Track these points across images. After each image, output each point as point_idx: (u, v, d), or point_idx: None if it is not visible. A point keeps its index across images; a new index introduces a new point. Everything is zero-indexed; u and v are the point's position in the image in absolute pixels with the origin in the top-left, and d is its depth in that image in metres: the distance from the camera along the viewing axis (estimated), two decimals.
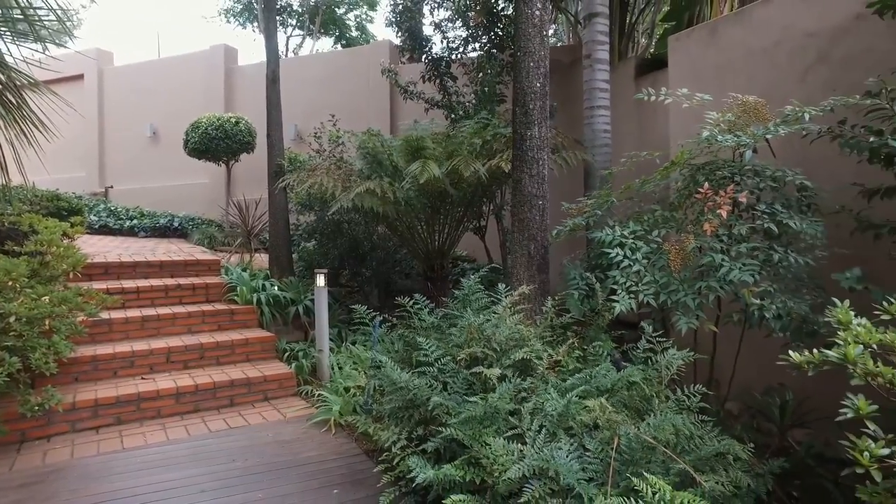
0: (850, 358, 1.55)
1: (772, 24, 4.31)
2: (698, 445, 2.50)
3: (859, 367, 1.54)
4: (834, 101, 3.18)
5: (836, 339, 1.71)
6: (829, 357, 1.63)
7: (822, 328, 2.98)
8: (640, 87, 6.76)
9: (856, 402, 1.51)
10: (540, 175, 4.02)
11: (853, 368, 1.55)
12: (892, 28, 3.63)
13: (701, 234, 3.24)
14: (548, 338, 3.50)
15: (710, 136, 3.41)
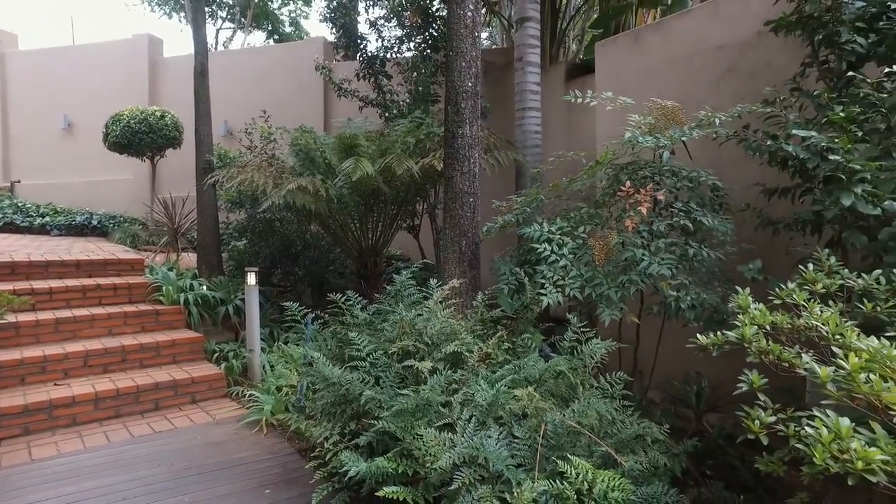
0: (747, 337, 1.70)
1: (688, 35, 4.59)
2: (620, 429, 2.63)
3: (754, 346, 1.68)
4: (740, 108, 3.43)
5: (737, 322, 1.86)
6: (729, 338, 1.77)
7: (730, 317, 3.21)
8: (569, 90, 6.99)
9: (750, 377, 1.64)
10: (471, 172, 4.09)
11: (749, 347, 1.70)
12: (787, 45, 3.95)
13: (623, 230, 3.41)
14: (478, 331, 3.57)
15: (632, 137, 3.59)
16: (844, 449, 1.17)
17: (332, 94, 9.06)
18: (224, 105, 9.49)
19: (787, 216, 3.04)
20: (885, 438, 1.19)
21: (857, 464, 1.14)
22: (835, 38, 2.59)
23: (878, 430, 1.23)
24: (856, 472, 1.14)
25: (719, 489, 3.29)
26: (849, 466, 1.15)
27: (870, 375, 1.24)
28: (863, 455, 1.14)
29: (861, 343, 1.42)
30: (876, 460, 1.13)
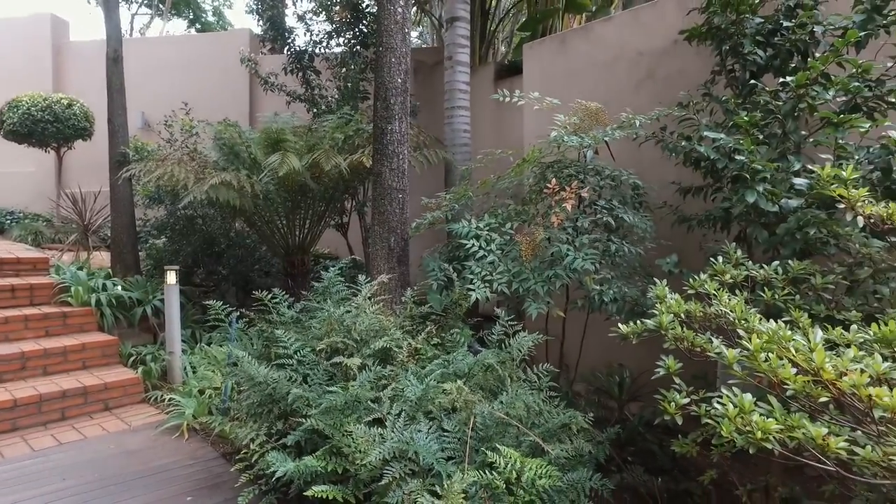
0: (664, 325, 1.79)
1: (611, 41, 4.78)
2: (546, 419, 2.71)
3: (670, 333, 1.78)
4: (658, 111, 3.62)
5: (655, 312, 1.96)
6: (648, 326, 1.86)
7: (649, 309, 3.38)
8: (498, 90, 7.15)
9: (666, 362, 1.74)
10: (400, 169, 4.09)
11: (666, 334, 1.79)
12: (699, 54, 4.21)
13: (549, 226, 3.52)
14: (407, 327, 3.57)
15: (558, 136, 3.70)
16: (746, 422, 1.26)
17: (258, 89, 8.78)
18: (141, 96, 8.99)
19: (701, 213, 3.23)
20: (779, 410, 1.30)
21: (757, 434, 1.24)
22: (739, 49, 2.78)
23: (774, 404, 1.33)
24: (755, 442, 1.24)
25: (640, 473, 3.46)
26: (750, 438, 1.24)
27: (768, 355, 1.34)
28: (762, 426, 1.23)
29: (762, 326, 1.54)
30: (772, 430, 1.23)
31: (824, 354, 1.27)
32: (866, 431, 1.25)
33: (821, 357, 1.27)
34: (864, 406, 1.22)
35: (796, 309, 1.86)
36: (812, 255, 2.37)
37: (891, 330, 1.45)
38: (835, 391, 1.25)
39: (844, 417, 1.34)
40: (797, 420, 1.24)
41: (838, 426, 1.30)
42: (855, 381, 1.19)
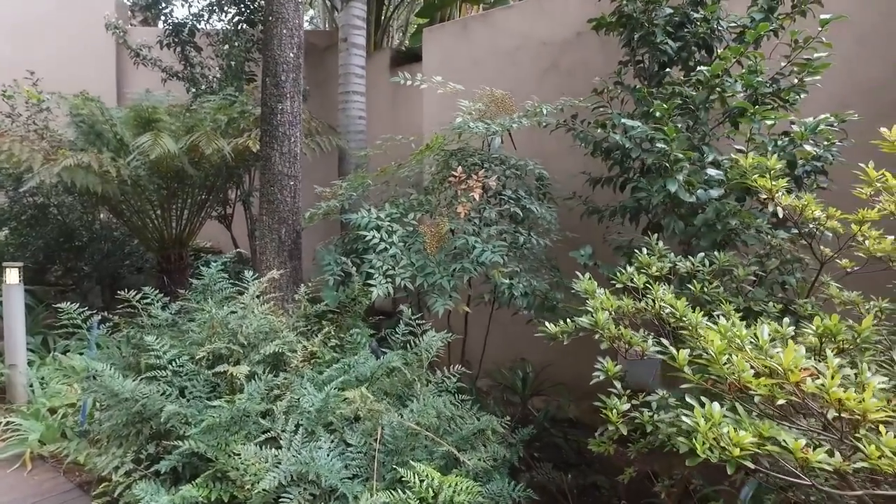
0: (601, 324, 1.65)
1: (514, 29, 4.68)
2: (459, 425, 2.51)
3: (606, 332, 1.64)
4: (564, 101, 3.55)
5: (585, 308, 1.82)
6: (582, 324, 1.71)
7: (559, 303, 3.30)
8: (393, 77, 6.89)
9: (605, 364, 1.59)
10: (292, 153, 3.71)
11: (602, 333, 1.65)
12: (602, 47, 4.22)
13: (455, 217, 3.33)
14: (302, 328, 3.23)
15: (463, 122, 3.52)
16: (716, 435, 1.12)
17: (127, 62, 7.79)
18: None
19: (611, 204, 3.19)
20: (746, 418, 1.18)
21: (734, 451, 1.10)
22: (651, 38, 2.74)
23: (740, 411, 1.21)
24: (731, 459, 1.10)
25: (548, 470, 3.39)
26: (724, 455, 1.11)
27: (730, 356, 1.22)
28: (736, 440, 1.10)
29: (711, 324, 1.43)
30: (746, 445, 1.10)
31: (792, 355, 1.17)
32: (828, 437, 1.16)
33: (788, 358, 1.16)
34: (821, 407, 1.12)
35: (725, 302, 1.80)
36: (725, 246, 2.37)
37: (835, 324, 1.40)
38: (799, 394, 1.15)
39: (806, 421, 1.25)
40: (767, 429, 1.12)
41: (797, 430, 1.20)
42: (826, 384, 1.09)
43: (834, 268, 2.14)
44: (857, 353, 1.44)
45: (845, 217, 1.89)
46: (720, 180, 2.27)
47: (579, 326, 1.70)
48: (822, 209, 1.92)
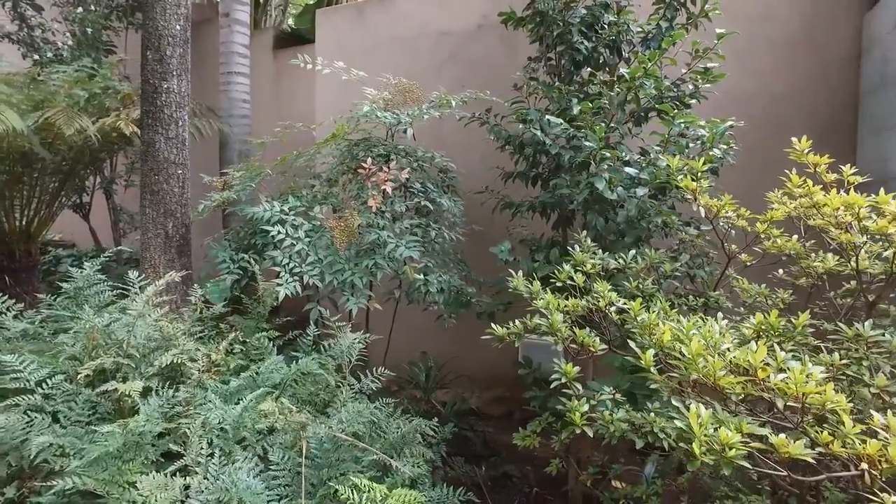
0: (556, 326, 1.62)
1: (413, 18, 4.57)
2: (385, 430, 2.39)
3: (560, 333, 1.61)
4: (469, 94, 3.52)
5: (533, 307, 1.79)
6: (538, 326, 1.67)
7: (472, 298, 3.28)
8: (279, 60, 6.46)
9: (562, 365, 1.57)
10: (179, 139, 3.31)
11: (557, 334, 1.62)
12: (504, 40, 4.26)
13: (365, 210, 3.17)
14: (199, 334, 2.90)
15: (370, 111, 3.35)
16: (710, 438, 1.13)
17: None
18: None
19: (525, 200, 3.21)
20: (727, 418, 1.20)
21: (729, 453, 1.11)
22: (568, 37, 2.78)
23: (718, 411, 1.23)
24: (727, 460, 1.11)
25: (461, 464, 3.38)
26: (724, 457, 1.12)
27: (706, 358, 1.23)
28: (725, 440, 1.11)
29: (669, 322, 1.45)
30: (736, 444, 1.12)
31: (764, 352, 1.21)
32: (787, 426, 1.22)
33: (760, 356, 1.20)
34: (782, 401, 1.18)
35: (659, 298, 1.87)
36: (644, 242, 2.48)
37: (775, 319, 1.49)
38: (766, 391, 1.20)
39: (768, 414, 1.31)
40: (746, 426, 1.15)
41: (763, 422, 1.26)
42: (795, 379, 1.14)
43: (734, 262, 2.32)
44: (788, 343, 1.55)
45: (755, 216, 2.04)
46: (645, 180, 2.37)
47: (536, 327, 1.66)
48: (735, 209, 2.06)
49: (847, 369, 1.49)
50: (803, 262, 1.97)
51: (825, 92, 3.61)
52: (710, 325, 1.43)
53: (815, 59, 3.63)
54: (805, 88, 3.65)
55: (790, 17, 3.66)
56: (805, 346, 1.57)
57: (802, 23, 3.64)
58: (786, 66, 3.68)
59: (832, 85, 3.60)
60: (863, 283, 1.77)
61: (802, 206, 1.86)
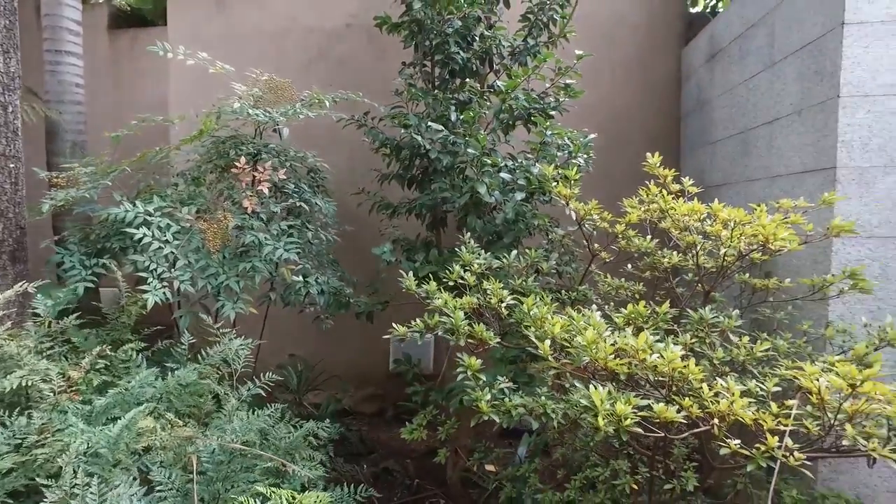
0: (458, 324, 1.74)
1: (280, 10, 4.42)
2: (276, 436, 2.35)
3: (462, 330, 1.74)
4: (342, 94, 3.52)
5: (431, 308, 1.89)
6: (439, 324, 1.78)
7: (352, 298, 3.31)
8: (114, 41, 5.85)
9: (466, 360, 1.69)
10: (10, 127, 2.91)
11: (458, 332, 1.74)
12: (372, 41, 4.32)
13: (238, 211, 3.05)
14: (48, 350, 2.58)
15: (241, 108, 3.22)
16: (608, 411, 1.32)
17: None
18: None
19: (403, 201, 3.30)
20: (619, 394, 1.41)
21: (626, 422, 1.31)
22: (444, 47, 2.92)
23: (611, 390, 1.44)
24: (625, 429, 1.31)
25: (341, 463, 3.40)
26: (622, 426, 1.31)
27: (598, 345, 1.43)
28: (621, 412, 1.31)
29: (559, 315, 1.65)
30: (630, 414, 1.32)
31: (644, 338, 1.44)
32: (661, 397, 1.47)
33: (641, 341, 1.43)
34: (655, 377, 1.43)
35: (541, 293, 2.08)
36: (518, 242, 2.71)
37: (639, 311, 1.76)
38: (645, 369, 1.43)
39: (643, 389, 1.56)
40: (633, 399, 1.36)
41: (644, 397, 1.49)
42: (668, 358, 1.39)
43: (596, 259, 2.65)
44: (651, 328, 1.84)
45: (616, 220, 2.35)
46: (522, 185, 2.59)
47: (438, 324, 1.77)
48: (599, 213, 2.35)
49: (695, 346, 1.81)
50: (654, 258, 2.31)
51: (655, 110, 4.20)
52: (593, 315, 1.65)
53: (647, 81, 4.20)
54: (639, 106, 4.21)
55: (628, 43, 4.20)
56: (663, 329, 1.86)
57: (637, 49, 4.20)
58: (623, 86, 4.21)
59: (660, 104, 4.20)
60: (700, 275, 2.13)
61: (653, 212, 2.19)
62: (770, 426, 1.40)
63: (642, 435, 1.48)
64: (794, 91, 2.57)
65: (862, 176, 2.24)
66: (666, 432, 1.47)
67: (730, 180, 3.30)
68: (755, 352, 1.78)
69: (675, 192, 2.18)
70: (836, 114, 2.25)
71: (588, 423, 1.37)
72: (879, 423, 1.52)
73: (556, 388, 1.98)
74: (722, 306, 2.35)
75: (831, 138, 2.28)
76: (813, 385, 1.41)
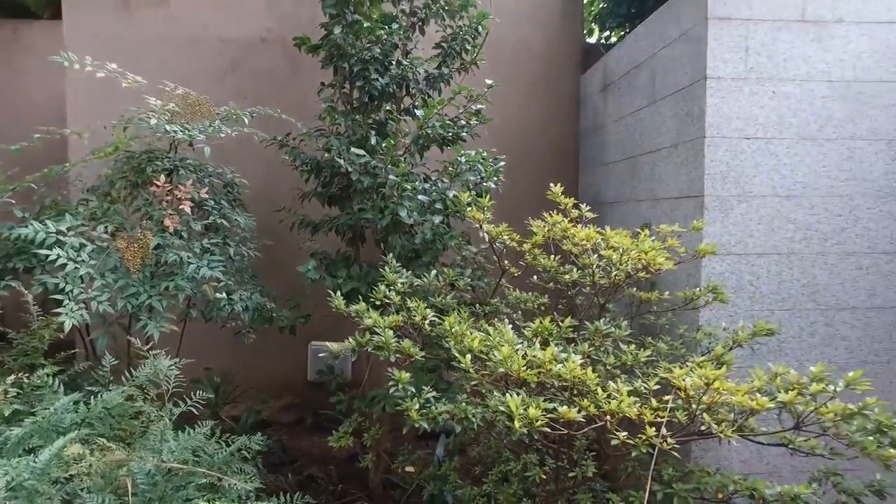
0: (388, 342, 1.93)
1: (189, 18, 4.36)
2: (209, 452, 2.42)
3: (392, 347, 1.93)
4: (259, 110, 3.56)
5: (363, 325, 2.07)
6: (370, 341, 1.96)
7: (275, 313, 3.38)
8: None
9: (396, 374, 1.89)
10: None
11: (387, 349, 1.93)
12: (288, 57, 4.38)
13: (158, 229, 3.05)
14: None
15: (158, 125, 3.20)
16: (523, 415, 1.57)
17: None
18: None
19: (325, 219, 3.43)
20: (530, 400, 1.66)
21: (536, 424, 1.56)
22: (365, 73, 3.08)
23: (524, 396, 1.69)
24: (535, 429, 1.57)
25: (265, 474, 3.46)
26: (534, 427, 1.57)
27: (513, 358, 1.68)
28: (533, 416, 1.57)
29: (477, 332, 1.89)
30: (540, 417, 1.58)
31: (551, 352, 1.70)
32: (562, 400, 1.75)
33: (549, 354, 1.69)
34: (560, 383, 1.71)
35: (460, 309, 2.31)
36: (436, 260, 2.94)
37: (546, 326, 2.04)
38: (551, 377, 1.70)
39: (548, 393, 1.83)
40: (542, 404, 1.62)
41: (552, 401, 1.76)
42: (569, 367, 1.66)
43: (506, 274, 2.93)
44: (556, 339, 2.12)
45: (524, 240, 2.63)
46: (440, 209, 2.82)
47: (369, 342, 1.96)
48: (509, 234, 2.63)
49: (592, 354, 2.13)
50: (557, 274, 2.62)
51: (559, 130, 4.60)
52: (507, 330, 1.90)
53: (551, 103, 4.59)
54: (545, 125, 4.60)
55: (533, 68, 4.57)
56: (564, 339, 2.16)
57: (541, 74, 4.58)
58: (529, 107, 4.57)
59: (564, 125, 4.61)
60: (596, 290, 2.46)
61: (556, 234, 2.49)
62: (650, 419, 1.72)
63: (550, 432, 1.75)
64: (672, 127, 3.00)
65: (722, 203, 2.68)
66: (569, 429, 1.74)
67: (621, 199, 3.72)
68: (640, 357, 2.12)
69: (574, 217, 2.49)
70: (703, 151, 2.68)
71: (505, 425, 1.61)
72: (731, 409, 1.90)
73: (473, 394, 2.22)
74: (615, 316, 2.70)
75: (700, 171, 2.71)
76: (681, 384, 1.74)
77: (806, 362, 2.80)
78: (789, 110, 2.72)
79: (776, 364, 1.96)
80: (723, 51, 2.66)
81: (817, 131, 2.75)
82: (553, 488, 2.40)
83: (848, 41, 2.75)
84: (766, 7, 2.68)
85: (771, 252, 2.74)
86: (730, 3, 2.65)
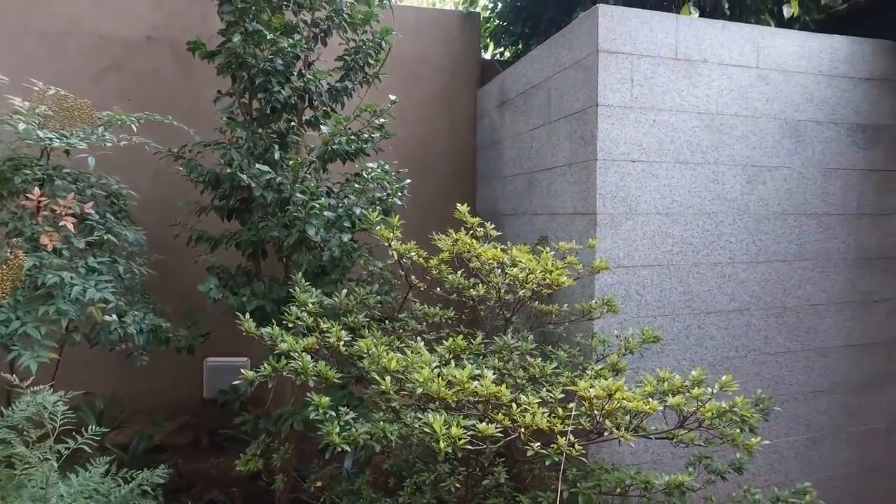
0: (306, 366, 1.92)
1: (58, 10, 3.97)
2: (105, 493, 2.26)
3: (310, 371, 1.93)
4: (147, 115, 3.33)
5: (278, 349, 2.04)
6: (290, 366, 1.94)
7: (172, 334, 3.19)
8: None
9: (315, 399, 1.88)
10: None
11: (305, 373, 1.92)
12: (178, 58, 4.14)
13: (35, 248, 2.78)
14: None
15: (28, 131, 2.91)
16: (446, 434, 1.64)
17: None
18: None
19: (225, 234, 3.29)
20: (451, 419, 1.73)
21: (459, 441, 1.64)
22: (267, 85, 3.00)
23: (444, 414, 1.75)
24: (458, 448, 1.64)
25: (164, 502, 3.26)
26: (456, 444, 1.64)
27: (434, 380, 1.74)
28: (455, 434, 1.64)
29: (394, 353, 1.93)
30: (461, 434, 1.66)
31: (467, 371, 1.79)
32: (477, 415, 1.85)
33: (465, 374, 1.77)
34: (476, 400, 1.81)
35: (372, 328, 2.34)
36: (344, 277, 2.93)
37: (458, 343, 2.13)
38: (468, 395, 1.79)
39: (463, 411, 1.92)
40: (462, 421, 1.70)
41: None
42: (485, 384, 1.76)
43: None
44: (468, 354, 2.22)
45: (430, 256, 2.71)
46: (348, 227, 2.82)
47: (287, 368, 1.94)
48: (416, 251, 2.70)
49: (501, 368, 2.25)
50: (464, 290, 2.73)
51: (458, 143, 4.74)
52: (423, 350, 1.97)
53: (450, 117, 4.72)
54: (444, 138, 4.72)
55: (433, 81, 4.67)
56: (476, 354, 2.27)
57: (441, 88, 4.69)
58: (430, 120, 4.67)
59: (462, 138, 4.75)
60: (502, 305, 2.60)
61: (461, 249, 2.59)
62: (560, 429, 1.86)
63: (471, 448, 1.84)
64: (566, 148, 3.22)
65: (612, 220, 2.94)
66: (487, 443, 1.84)
67: (518, 212, 3.93)
68: (546, 370, 2.28)
69: (480, 236, 2.61)
70: (595, 171, 2.91)
71: (429, 445, 1.68)
72: (626, 412, 2.11)
73: (388, 411, 2.26)
74: (518, 328, 2.86)
75: (592, 190, 2.94)
76: (587, 395, 1.91)
77: (683, 361, 3.14)
78: (667, 137, 3.04)
79: (661, 368, 2.21)
80: (612, 81, 2.91)
81: (689, 156, 3.09)
82: (465, 495, 2.51)
83: (712, 79, 3.12)
84: (647, 44, 2.97)
85: (654, 264, 3.04)
86: (617, 38, 2.90)
